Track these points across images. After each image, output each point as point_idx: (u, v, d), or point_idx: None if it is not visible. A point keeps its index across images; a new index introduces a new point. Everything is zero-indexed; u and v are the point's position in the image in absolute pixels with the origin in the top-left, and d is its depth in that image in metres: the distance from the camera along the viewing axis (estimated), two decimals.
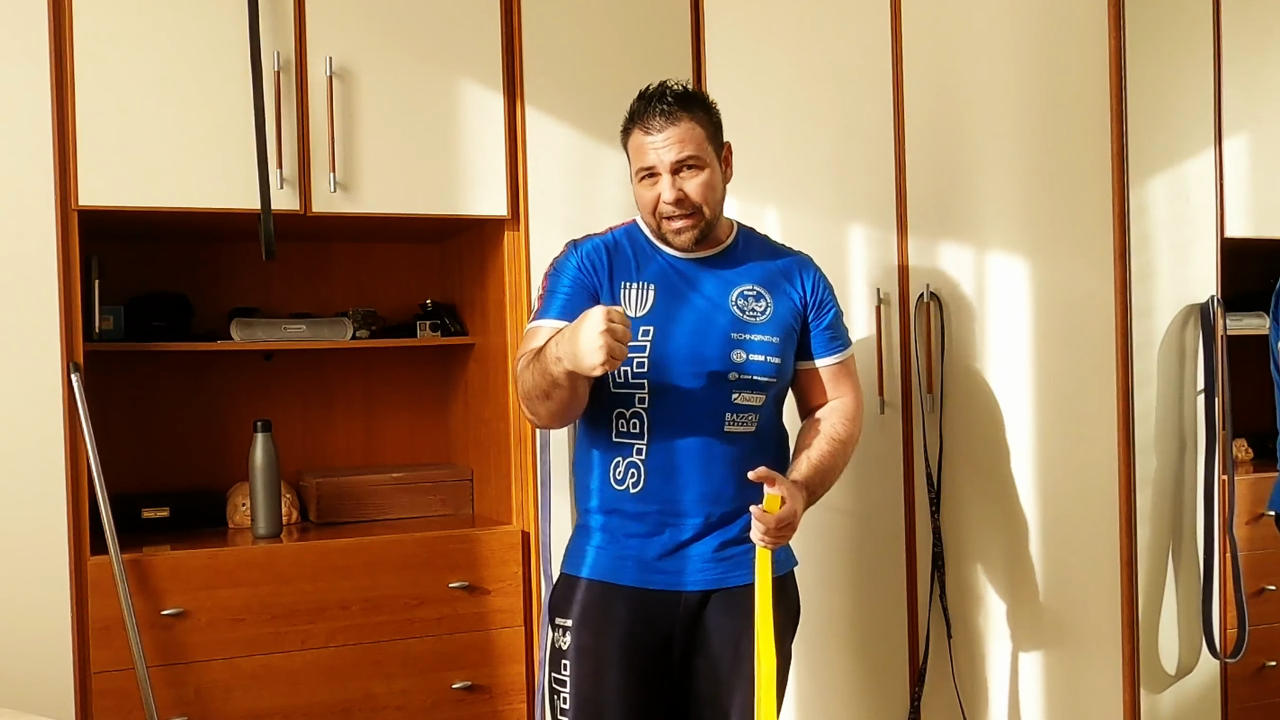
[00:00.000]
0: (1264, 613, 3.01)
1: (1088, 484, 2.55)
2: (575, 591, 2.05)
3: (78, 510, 2.49)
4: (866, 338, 2.81)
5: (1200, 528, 2.70)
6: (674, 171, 1.99)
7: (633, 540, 2.03)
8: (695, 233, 2.04)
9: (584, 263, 2.07)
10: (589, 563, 2.06)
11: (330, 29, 2.70)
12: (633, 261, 2.08)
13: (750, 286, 2.09)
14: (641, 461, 2.01)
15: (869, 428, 2.81)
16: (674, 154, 1.98)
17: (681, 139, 1.98)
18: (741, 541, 2.04)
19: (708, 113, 2.06)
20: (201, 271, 3.10)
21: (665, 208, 2.01)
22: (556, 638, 2.06)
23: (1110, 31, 2.47)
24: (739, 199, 2.87)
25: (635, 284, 2.05)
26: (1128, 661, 2.50)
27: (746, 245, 2.15)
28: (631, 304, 2.03)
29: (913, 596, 2.81)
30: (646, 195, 2.03)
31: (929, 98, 2.77)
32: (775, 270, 2.14)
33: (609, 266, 2.06)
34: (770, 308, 2.09)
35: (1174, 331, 2.65)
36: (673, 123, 1.98)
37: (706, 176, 2.01)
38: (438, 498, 3.05)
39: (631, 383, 2.01)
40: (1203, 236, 2.75)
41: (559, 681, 2.04)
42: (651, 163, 2.00)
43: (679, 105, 2.00)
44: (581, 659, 2.01)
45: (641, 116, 2.01)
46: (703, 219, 2.03)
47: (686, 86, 2.05)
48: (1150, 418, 2.59)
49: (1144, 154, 2.54)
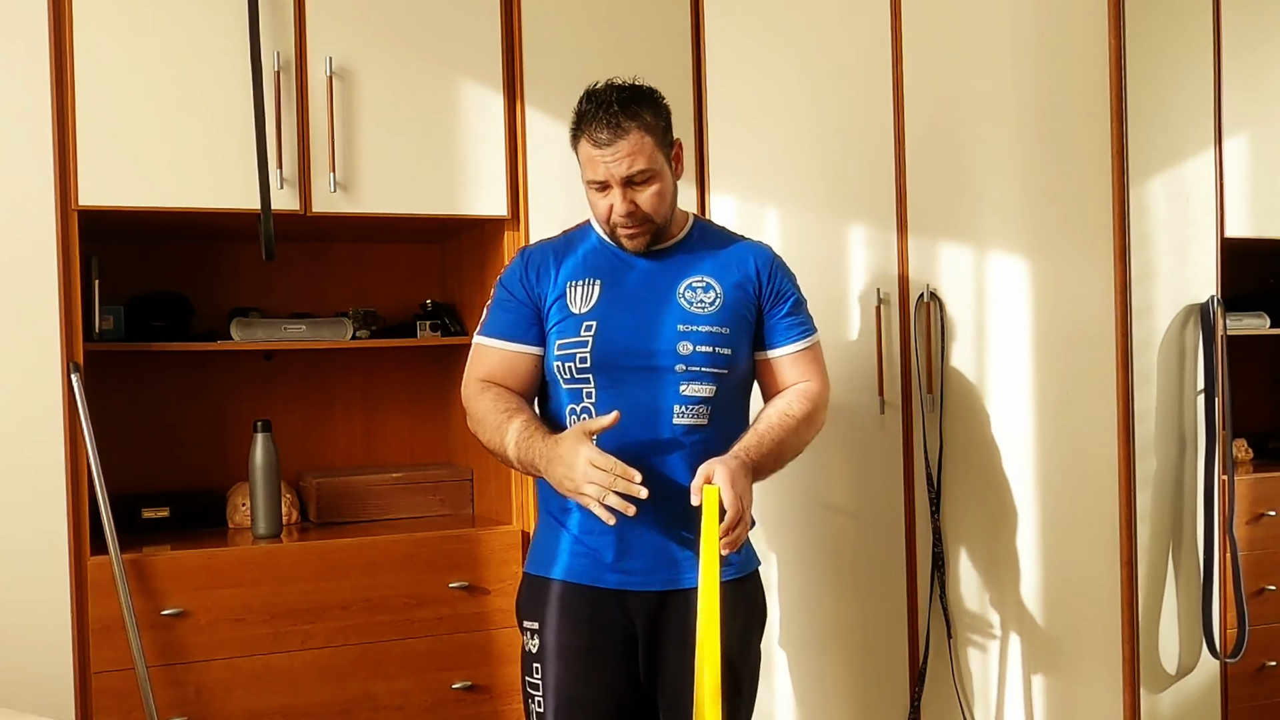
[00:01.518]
0: (1264, 613, 3.01)
1: (1088, 484, 2.55)
2: (545, 593, 2.04)
3: (78, 510, 2.49)
4: (866, 338, 2.81)
5: (1200, 528, 2.70)
6: (624, 184, 1.98)
7: (600, 538, 2.02)
8: (647, 239, 2.05)
9: (528, 276, 2.09)
10: (560, 565, 2.05)
11: (330, 29, 2.70)
12: (581, 260, 2.09)
13: (699, 278, 2.08)
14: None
15: (869, 427, 2.81)
16: (624, 168, 1.97)
17: (631, 152, 1.96)
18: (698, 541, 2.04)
19: (656, 114, 2.02)
20: (201, 271, 3.09)
21: (617, 219, 2.01)
22: (527, 641, 2.05)
23: (1110, 31, 2.47)
24: (739, 199, 2.87)
25: (581, 281, 2.07)
26: (1128, 661, 2.50)
27: (701, 237, 2.14)
28: (577, 300, 2.05)
29: (913, 596, 2.81)
30: (599, 204, 2.03)
31: (929, 98, 2.77)
32: (728, 260, 2.12)
33: (556, 270, 2.08)
34: (720, 298, 2.07)
35: (1174, 331, 2.65)
36: (620, 135, 1.96)
37: (658, 187, 2.01)
38: (438, 498, 3.05)
39: (577, 378, 2.03)
40: (1203, 236, 2.75)
41: (532, 685, 2.04)
42: (602, 176, 1.99)
43: (625, 114, 1.96)
44: (553, 661, 2.01)
45: (588, 124, 1.99)
46: (654, 226, 2.04)
47: (634, 84, 2.02)
48: (1150, 418, 2.59)
49: (1144, 154, 2.55)
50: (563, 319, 2.05)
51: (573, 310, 2.04)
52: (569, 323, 2.04)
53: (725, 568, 2.03)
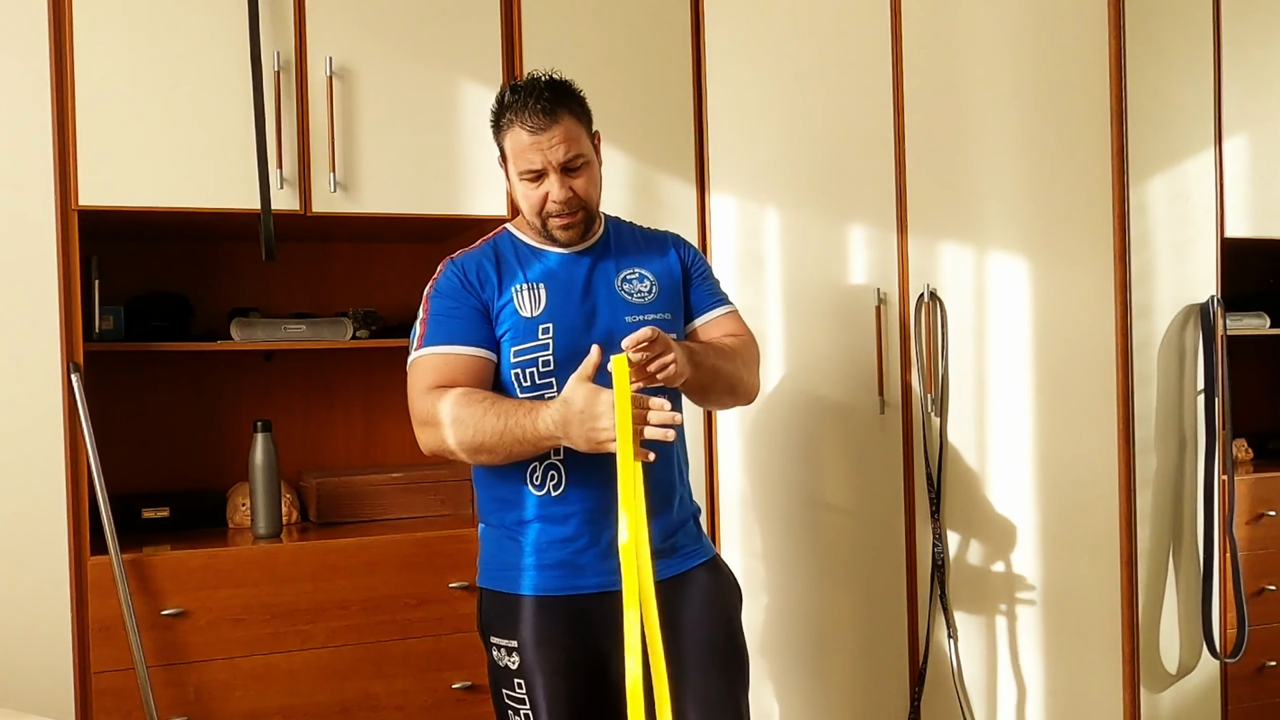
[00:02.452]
0: (1264, 613, 3.01)
1: (1088, 484, 2.55)
2: (517, 610, 1.99)
3: (78, 510, 2.49)
4: (866, 338, 2.81)
5: (1200, 528, 2.70)
6: (561, 170, 1.98)
7: (563, 546, 1.99)
8: (581, 228, 2.04)
9: (465, 276, 2.04)
10: (528, 581, 2.00)
11: (330, 29, 2.70)
12: (516, 265, 2.06)
13: (631, 270, 2.09)
14: (560, 462, 1.98)
15: (869, 427, 2.81)
16: (561, 154, 1.97)
17: (566, 137, 1.97)
18: (677, 529, 2.04)
19: (582, 104, 2.04)
20: (201, 271, 3.09)
21: (553, 206, 2.00)
22: (500, 656, 2.00)
23: (1110, 31, 2.48)
24: (739, 198, 2.87)
25: (525, 284, 2.04)
26: (1128, 661, 2.50)
27: (618, 233, 2.15)
28: (526, 304, 2.02)
29: (913, 596, 2.81)
30: (533, 195, 2.01)
31: (929, 98, 2.77)
32: (650, 249, 2.14)
33: (496, 273, 2.04)
34: (655, 286, 2.09)
35: (1174, 331, 2.65)
36: (555, 120, 1.96)
37: (590, 173, 2.02)
38: (438, 498, 3.05)
39: (539, 383, 1.99)
40: (1203, 236, 2.75)
41: (514, 699, 1.99)
42: (540, 164, 1.98)
43: (557, 100, 1.97)
44: (534, 676, 1.96)
45: (520, 112, 1.97)
46: (588, 214, 2.04)
47: (555, 76, 2.02)
48: (1150, 418, 2.59)
49: (1144, 154, 2.55)
50: (513, 325, 2.00)
51: (523, 315, 2.00)
52: (522, 328, 2.00)
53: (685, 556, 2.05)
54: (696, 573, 2.06)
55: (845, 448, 2.83)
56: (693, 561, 2.06)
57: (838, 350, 2.83)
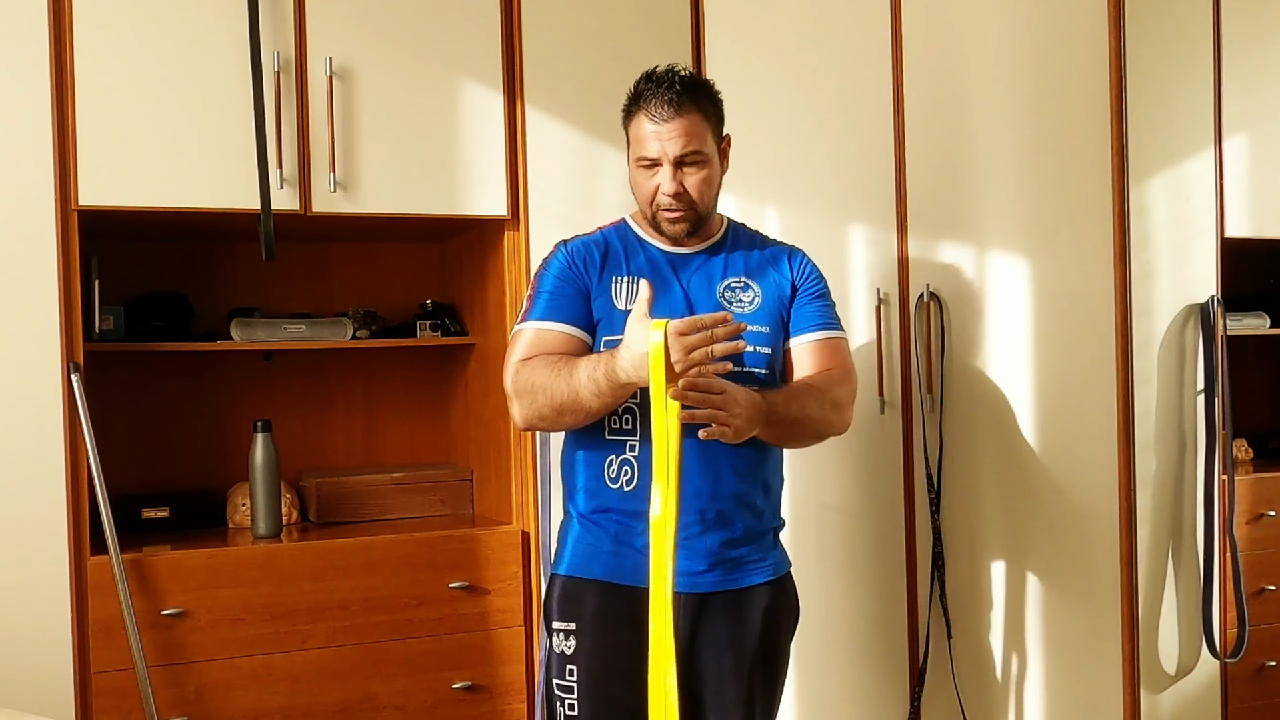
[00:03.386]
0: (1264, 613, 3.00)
1: (1088, 484, 2.55)
2: (571, 592, 2.02)
3: (78, 510, 2.49)
4: (866, 338, 2.81)
5: (1200, 528, 2.70)
6: (675, 164, 1.98)
7: (633, 539, 2.00)
8: (687, 225, 2.03)
9: (573, 260, 2.05)
10: (579, 564, 2.03)
11: (330, 29, 2.70)
12: (622, 256, 2.06)
13: (737, 278, 2.09)
14: (635, 458, 1.99)
15: (869, 427, 2.81)
16: (678, 147, 1.97)
17: (688, 132, 1.96)
18: (744, 542, 2.03)
19: (714, 104, 2.03)
20: (201, 271, 3.10)
21: (663, 199, 2.00)
22: (559, 642, 2.02)
23: (1110, 31, 2.47)
24: (739, 198, 2.87)
25: (625, 277, 2.04)
26: (1128, 661, 2.50)
27: (735, 239, 2.14)
28: (622, 297, 2.02)
29: (913, 596, 2.81)
30: (645, 183, 2.02)
31: (929, 98, 2.77)
32: (763, 260, 2.13)
33: (600, 262, 2.05)
34: (758, 297, 2.08)
35: (1174, 331, 2.65)
36: (680, 114, 1.96)
37: (706, 173, 2.01)
38: (438, 498, 3.05)
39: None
40: (1203, 236, 2.75)
41: (564, 688, 2.00)
42: (655, 154, 1.98)
43: (687, 95, 1.97)
44: (588, 662, 1.97)
45: (648, 101, 1.98)
46: (697, 213, 2.03)
47: (694, 73, 2.02)
48: (1150, 418, 2.59)
49: (1144, 154, 2.54)
50: (607, 315, 2.01)
51: (618, 306, 2.01)
52: (616, 318, 2.00)
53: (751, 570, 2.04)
54: (758, 590, 2.03)
55: (845, 448, 2.82)
56: (756, 579, 2.04)
57: None
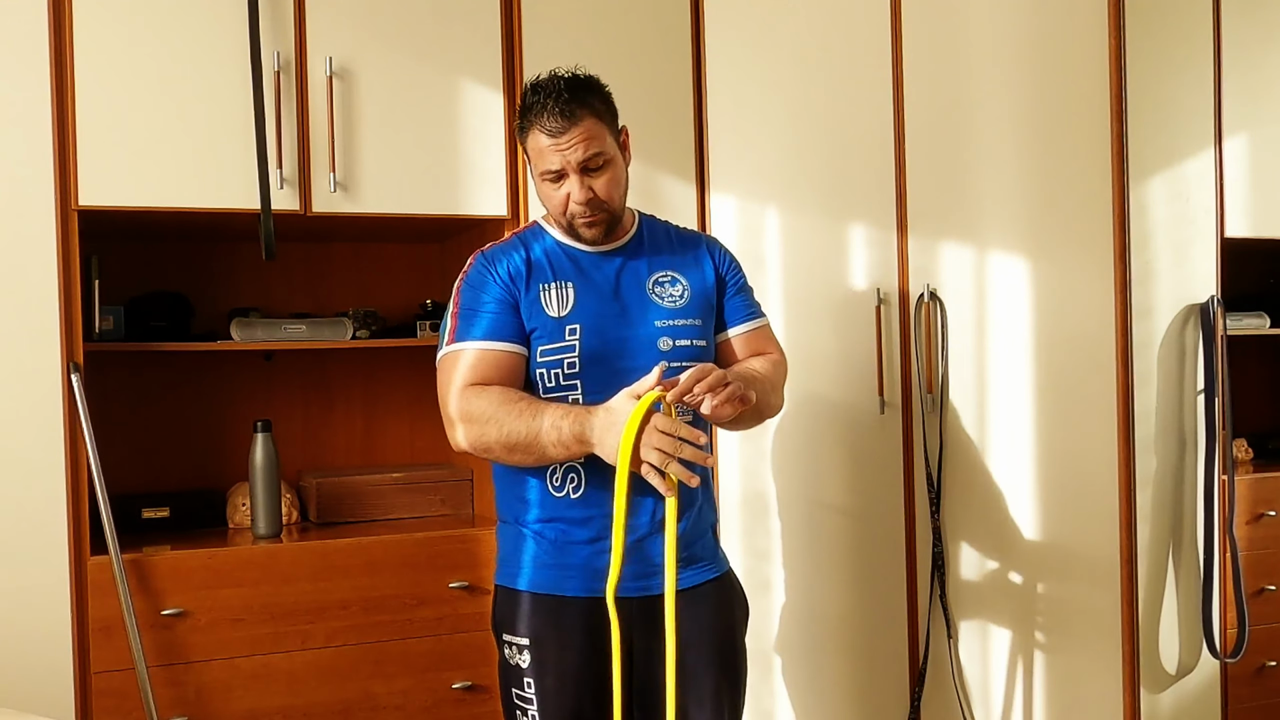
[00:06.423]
0: (1264, 613, 3.01)
1: (1088, 484, 2.55)
2: (532, 608, 2.00)
3: (78, 510, 2.49)
4: (866, 338, 2.81)
5: (1200, 528, 2.70)
6: (580, 171, 1.96)
7: (579, 548, 1.98)
8: (603, 227, 2.02)
9: (499, 274, 2.02)
10: (527, 576, 2.01)
11: (330, 29, 2.70)
12: (545, 263, 2.04)
13: (663, 272, 2.08)
14: (580, 465, 1.97)
15: (869, 427, 2.81)
16: (580, 154, 1.95)
17: (585, 137, 1.94)
18: (692, 540, 2.03)
19: (605, 101, 2.01)
20: (201, 271, 3.10)
21: (575, 208, 1.98)
22: (512, 654, 2.01)
23: (1110, 31, 2.47)
24: (739, 198, 2.87)
25: (553, 284, 2.02)
26: (1128, 661, 2.50)
27: (651, 232, 2.13)
28: (553, 304, 2.00)
29: (913, 596, 2.81)
30: (555, 195, 2.00)
31: (929, 98, 2.77)
32: (685, 252, 2.12)
33: (525, 271, 2.02)
34: (687, 290, 2.07)
35: (1174, 331, 2.65)
36: (574, 121, 1.94)
37: (612, 173, 1.99)
38: (438, 498, 3.05)
39: (564, 384, 1.98)
40: (1203, 236, 2.75)
41: (522, 699, 1.99)
42: (558, 165, 1.96)
43: (576, 100, 1.95)
44: (544, 676, 1.97)
45: (539, 115, 1.96)
46: (611, 213, 2.01)
47: (576, 73, 2.00)
48: (1150, 418, 2.59)
49: (1144, 154, 2.55)
50: (541, 324, 1.99)
51: (550, 314, 1.99)
52: (550, 327, 1.99)
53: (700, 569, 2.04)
54: (707, 587, 2.04)
55: (845, 448, 2.83)
56: (706, 575, 2.05)
57: (838, 350, 2.83)
